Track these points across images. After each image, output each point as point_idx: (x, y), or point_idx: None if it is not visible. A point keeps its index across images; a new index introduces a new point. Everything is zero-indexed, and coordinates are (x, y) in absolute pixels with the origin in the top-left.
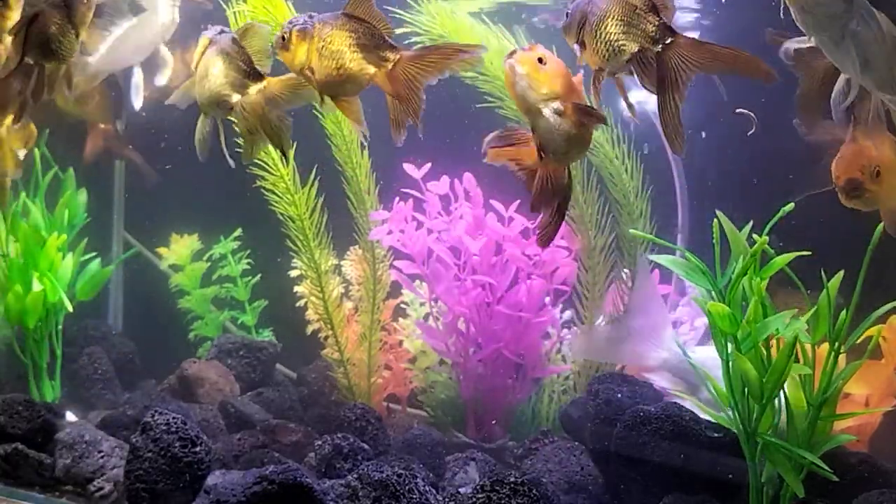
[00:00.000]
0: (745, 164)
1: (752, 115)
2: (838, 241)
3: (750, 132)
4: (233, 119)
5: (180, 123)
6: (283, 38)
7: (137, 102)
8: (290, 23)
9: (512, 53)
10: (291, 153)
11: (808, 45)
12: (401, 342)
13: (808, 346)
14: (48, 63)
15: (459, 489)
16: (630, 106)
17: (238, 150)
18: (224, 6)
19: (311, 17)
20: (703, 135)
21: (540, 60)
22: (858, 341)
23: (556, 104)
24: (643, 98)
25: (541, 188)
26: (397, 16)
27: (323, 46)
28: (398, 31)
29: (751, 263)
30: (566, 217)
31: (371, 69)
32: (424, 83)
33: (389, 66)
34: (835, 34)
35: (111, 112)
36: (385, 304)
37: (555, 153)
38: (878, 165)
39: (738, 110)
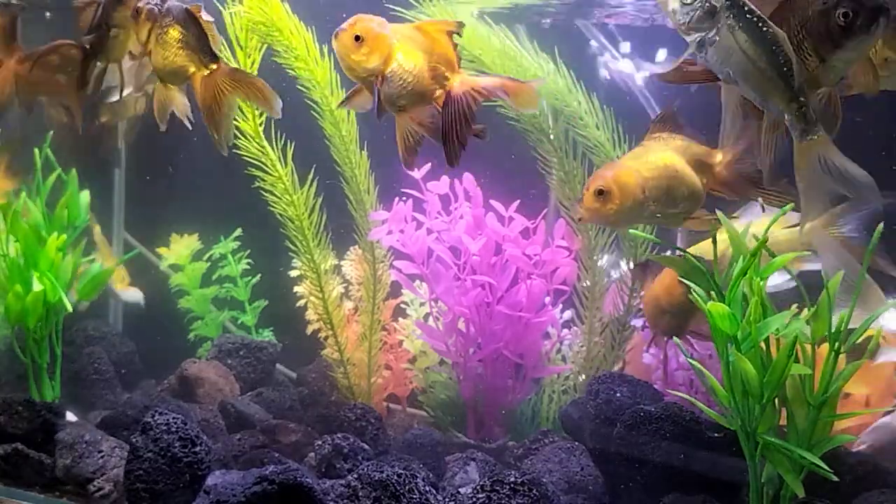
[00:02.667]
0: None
1: None
2: None
3: None
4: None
5: (180, 124)
6: (137, 10)
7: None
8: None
9: (338, 33)
10: (290, 153)
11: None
12: (401, 342)
13: (807, 346)
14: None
15: (459, 489)
16: None
17: (236, 150)
18: (221, 7)
19: (162, 2)
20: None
21: (357, 38)
22: (858, 341)
23: (377, 78)
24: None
25: (403, 143)
26: (398, 14)
27: (160, 34)
28: None
29: (751, 263)
30: (566, 218)
31: (191, 68)
32: (232, 101)
33: (206, 72)
34: (698, 40)
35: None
36: (385, 304)
37: (396, 112)
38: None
39: None
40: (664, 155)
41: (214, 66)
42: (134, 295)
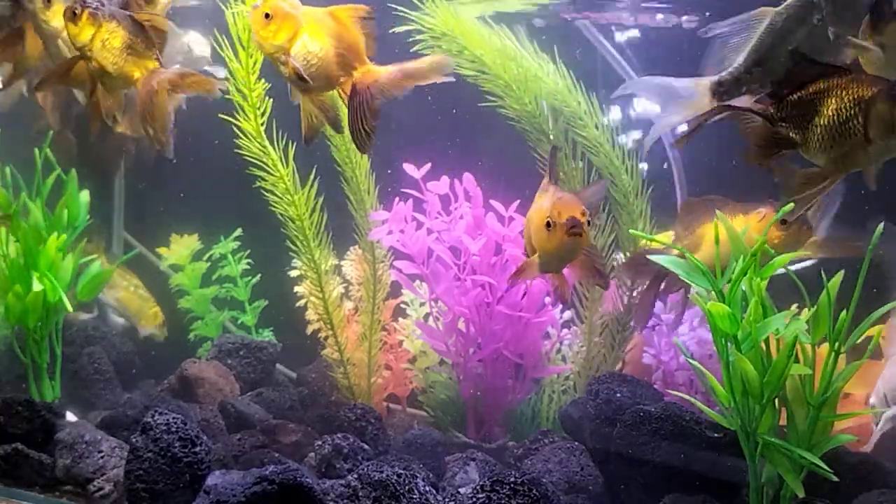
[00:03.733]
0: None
1: None
2: None
3: None
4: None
5: (179, 124)
6: (75, 12)
7: None
8: (84, 3)
9: (252, 9)
10: (291, 153)
11: None
12: (401, 342)
13: (808, 346)
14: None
15: (459, 489)
16: None
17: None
18: (223, 7)
19: (102, 5)
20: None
21: (266, 16)
22: (858, 341)
23: (282, 56)
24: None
25: (306, 124)
26: (402, 14)
27: (107, 39)
28: (401, 28)
29: (751, 263)
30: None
31: (136, 73)
32: (167, 105)
33: (149, 75)
34: None
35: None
36: (385, 304)
37: (302, 90)
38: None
39: None
40: None
41: (154, 67)
42: (155, 331)
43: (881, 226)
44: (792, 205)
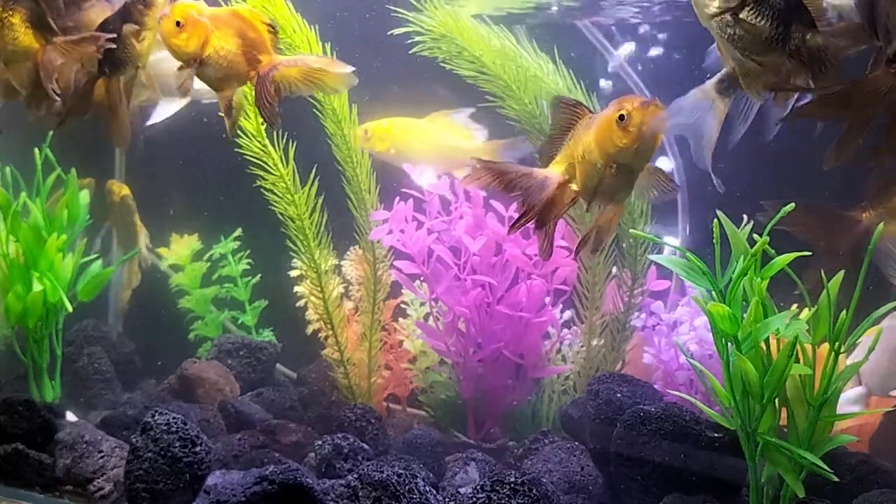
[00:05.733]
0: (746, 165)
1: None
2: None
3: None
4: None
5: (179, 125)
6: (179, 22)
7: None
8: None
9: (161, 17)
10: (291, 152)
11: None
12: (401, 342)
13: (808, 346)
14: (120, 73)
15: (459, 489)
16: None
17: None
18: (223, 3)
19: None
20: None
21: (178, 24)
22: (859, 341)
23: (196, 61)
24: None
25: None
26: (399, 15)
27: (6, 17)
28: (402, 30)
29: (751, 263)
30: (566, 217)
31: (35, 45)
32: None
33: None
34: None
35: None
36: (385, 304)
37: (217, 90)
38: None
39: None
40: None
41: (50, 39)
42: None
43: (881, 226)
44: (792, 205)
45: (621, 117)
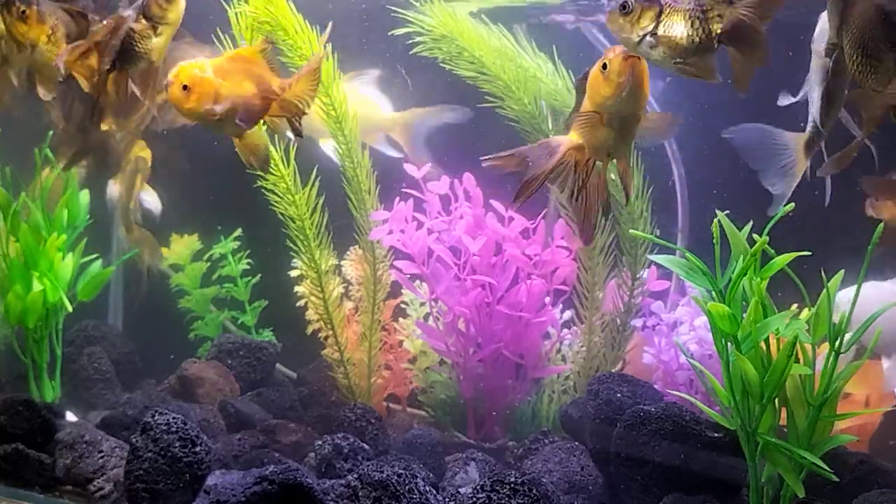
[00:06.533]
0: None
1: None
2: None
3: None
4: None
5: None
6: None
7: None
8: None
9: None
10: (292, 153)
11: None
12: (401, 342)
13: (808, 346)
14: (133, 67)
15: (459, 489)
16: None
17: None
18: (226, 6)
19: None
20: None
21: (185, 87)
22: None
23: (213, 117)
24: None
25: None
26: (398, 14)
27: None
28: (402, 31)
29: (751, 263)
30: (566, 217)
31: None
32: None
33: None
34: None
35: None
36: (385, 304)
37: (238, 136)
38: None
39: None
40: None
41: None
42: (152, 199)
43: (881, 226)
44: (792, 205)
45: (604, 66)
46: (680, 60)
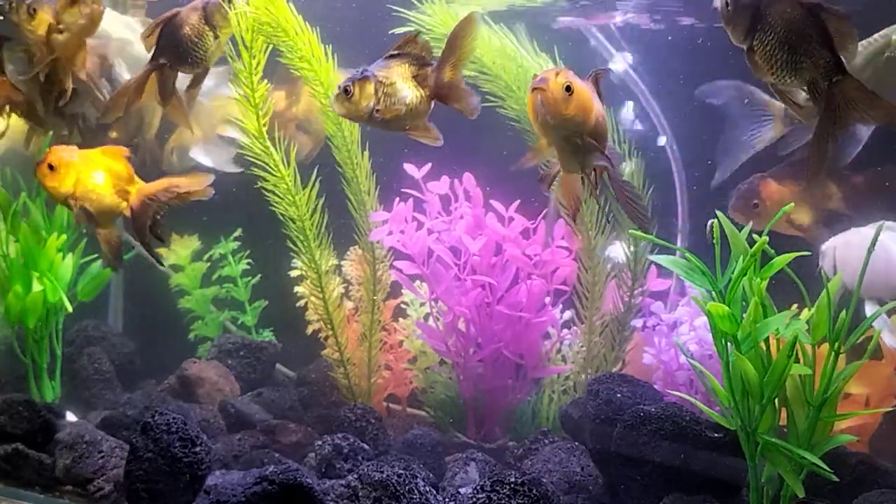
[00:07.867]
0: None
1: None
2: None
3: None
4: None
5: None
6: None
7: None
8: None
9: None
10: (293, 154)
11: None
12: (401, 342)
13: (807, 346)
14: (181, 68)
15: (459, 489)
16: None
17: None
18: (227, 7)
19: None
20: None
21: (50, 167)
22: (858, 341)
23: (71, 199)
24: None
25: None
26: (401, 15)
27: None
28: (401, 29)
29: (751, 263)
30: (567, 217)
31: None
32: None
33: None
34: None
35: None
36: (385, 305)
37: (94, 223)
38: None
39: None
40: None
41: None
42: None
43: (881, 224)
44: (792, 205)
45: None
46: (407, 124)
